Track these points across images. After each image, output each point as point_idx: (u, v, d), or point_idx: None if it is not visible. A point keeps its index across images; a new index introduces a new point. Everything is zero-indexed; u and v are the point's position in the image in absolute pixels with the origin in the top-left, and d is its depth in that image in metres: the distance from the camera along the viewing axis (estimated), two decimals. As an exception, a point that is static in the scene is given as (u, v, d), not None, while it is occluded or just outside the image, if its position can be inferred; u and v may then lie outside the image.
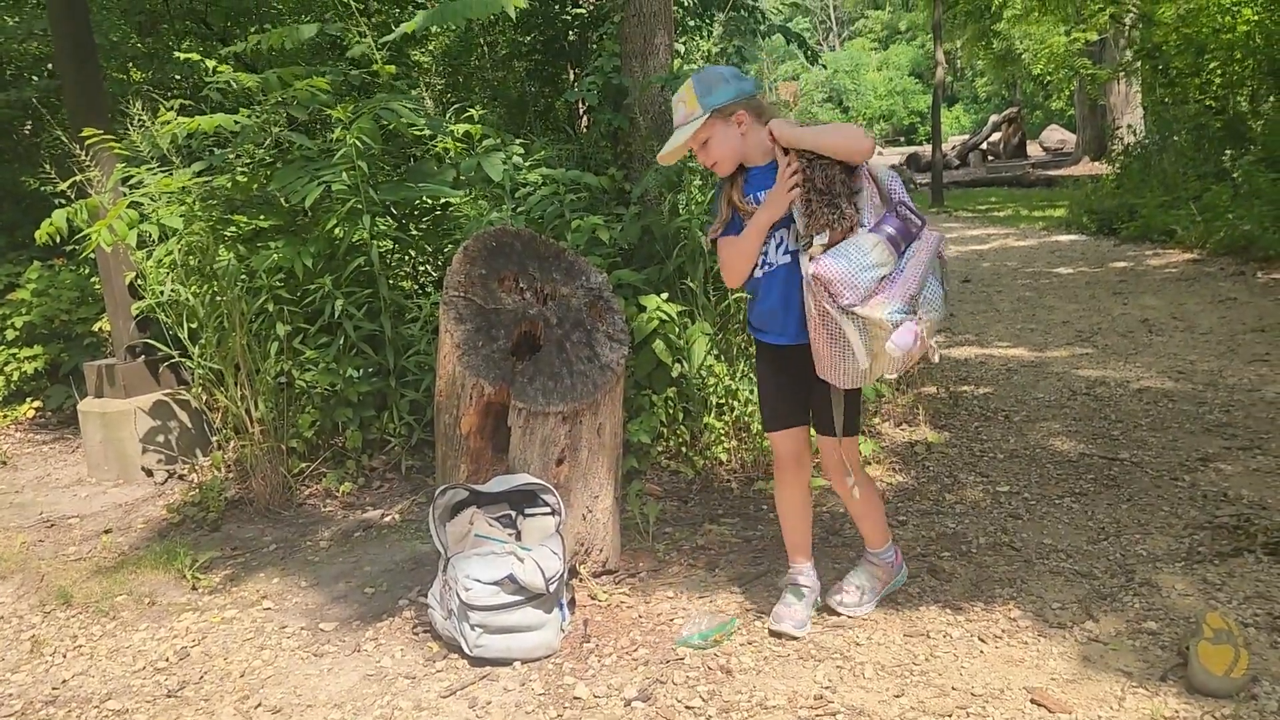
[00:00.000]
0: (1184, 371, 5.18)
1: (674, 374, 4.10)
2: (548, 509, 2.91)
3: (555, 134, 6.54)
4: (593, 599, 3.03)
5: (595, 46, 6.46)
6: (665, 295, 4.10)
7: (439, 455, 3.27)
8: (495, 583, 2.66)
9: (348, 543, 3.67)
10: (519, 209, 4.48)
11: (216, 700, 2.64)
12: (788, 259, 2.61)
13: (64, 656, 2.96)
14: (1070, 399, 4.89)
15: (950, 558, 3.21)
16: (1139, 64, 13.15)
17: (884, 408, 4.72)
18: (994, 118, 26.19)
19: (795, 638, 2.72)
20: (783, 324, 2.66)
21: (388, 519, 3.86)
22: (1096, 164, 18.06)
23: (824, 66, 8.72)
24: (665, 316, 4.00)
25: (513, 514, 2.95)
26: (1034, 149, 26.05)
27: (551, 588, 2.71)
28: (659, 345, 4.02)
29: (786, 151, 2.57)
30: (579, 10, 7.12)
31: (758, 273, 2.69)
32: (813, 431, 2.84)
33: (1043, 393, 5.03)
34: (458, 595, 2.68)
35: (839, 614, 2.82)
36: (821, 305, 2.43)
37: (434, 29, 7.49)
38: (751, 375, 4.22)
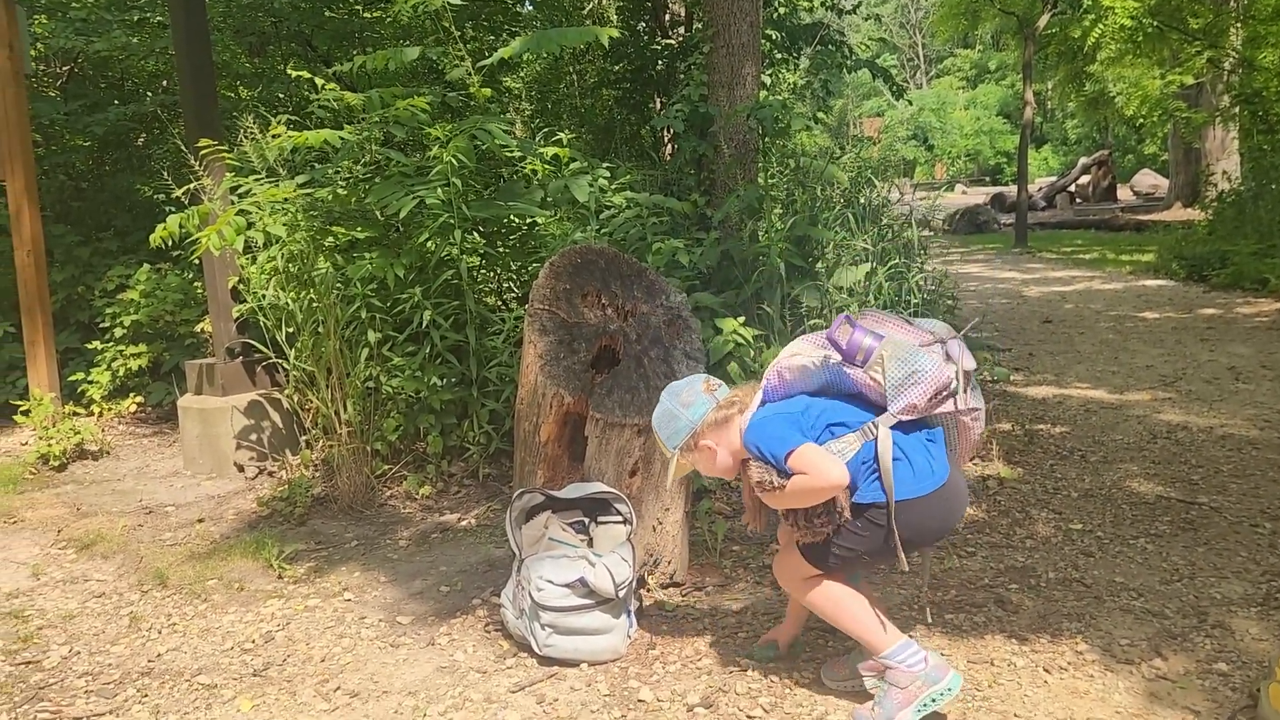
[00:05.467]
0: (1270, 421, 5.06)
1: (747, 396, 4.16)
2: (620, 518, 3.00)
3: (640, 159, 6.69)
4: (660, 608, 3.10)
5: (683, 76, 6.61)
6: (742, 319, 4.18)
7: (517, 460, 3.39)
8: (567, 585, 2.75)
9: (425, 543, 3.81)
10: (602, 230, 4.62)
11: (298, 682, 2.77)
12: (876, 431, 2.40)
13: (159, 633, 3.14)
14: (1150, 442, 4.81)
15: (1018, 590, 3.20)
16: (1237, 109, 12.86)
17: (957, 441, 4.71)
18: (1083, 160, 25.75)
19: None
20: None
21: (464, 523, 3.99)
22: (1189, 210, 17.63)
23: (909, 103, 8.74)
24: (741, 340, 4.08)
25: (586, 520, 3.05)
26: (1124, 193, 25.53)
27: (620, 594, 2.79)
28: (734, 367, 4.10)
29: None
30: (668, 41, 7.29)
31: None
32: None
33: (1121, 434, 4.96)
34: (530, 595, 2.78)
35: None
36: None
37: (527, 56, 7.74)
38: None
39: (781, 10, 7.67)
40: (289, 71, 5.08)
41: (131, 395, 5.90)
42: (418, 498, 4.23)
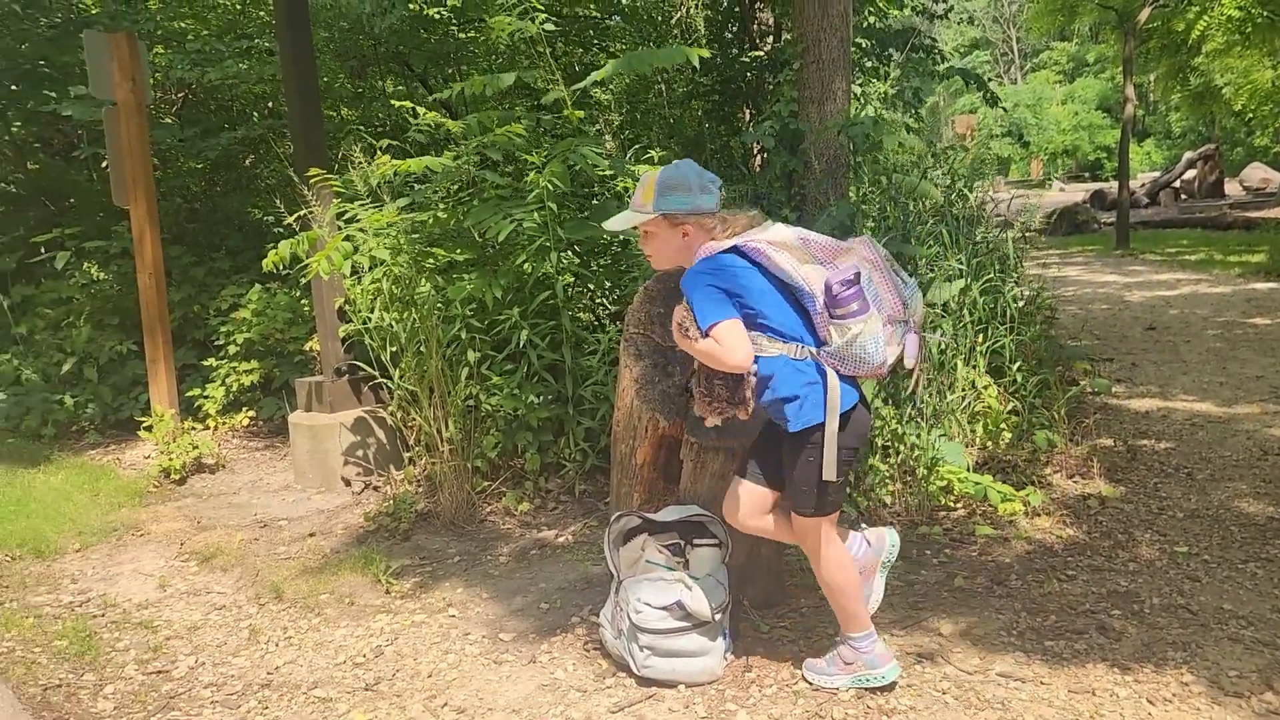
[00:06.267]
0: (1393, 436, 4.85)
1: (840, 415, 4.17)
2: (715, 541, 3.05)
3: (730, 170, 6.72)
4: (755, 630, 3.15)
5: (772, 89, 6.62)
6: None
7: (614, 482, 3.47)
8: (664, 608, 2.82)
9: (525, 559, 3.92)
10: (694, 248, 4.66)
11: (407, 697, 2.90)
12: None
13: (276, 645, 3.31)
14: (1260, 459, 4.66)
15: (1121, 617, 3.15)
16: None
17: (1056, 458, 4.64)
18: (1188, 154, 24.79)
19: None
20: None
21: (561, 539, 4.09)
22: (1304, 205, 16.85)
23: (1005, 110, 8.56)
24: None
25: (682, 543, 3.11)
26: (1233, 188, 24.50)
27: (716, 616, 2.84)
28: (827, 385, 4.10)
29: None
30: (756, 54, 7.30)
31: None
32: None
33: (1230, 451, 4.81)
34: (628, 617, 2.85)
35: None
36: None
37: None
38: (919, 420, 4.25)
39: (871, 19, 7.61)
40: (391, 101, 5.26)
41: (244, 410, 6.18)
42: (516, 514, 4.35)
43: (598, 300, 5.09)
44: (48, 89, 7.25)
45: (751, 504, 2.80)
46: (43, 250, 6.98)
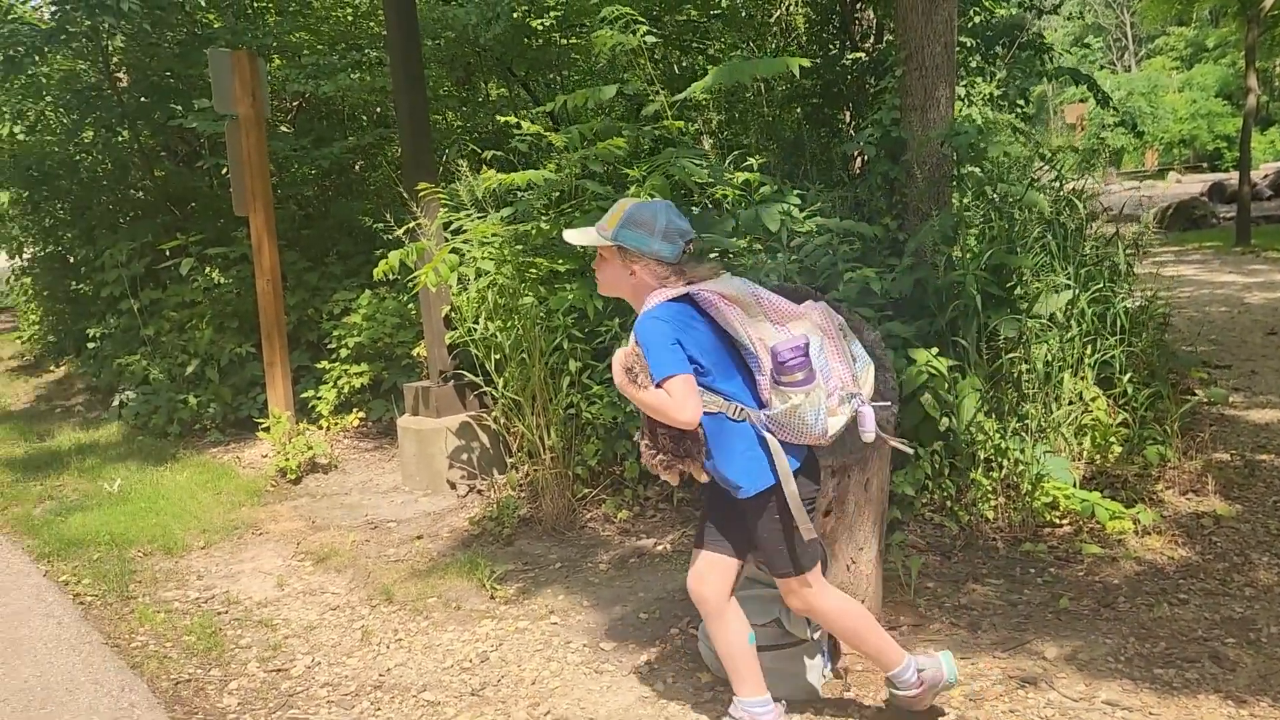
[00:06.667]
0: None
1: (941, 428, 4.13)
2: (814, 558, 3.07)
3: (829, 173, 6.67)
4: (854, 650, 3.15)
5: (874, 94, 6.55)
6: (936, 350, 4.14)
7: (713, 497, 3.51)
8: (764, 625, 2.85)
9: (624, 567, 3.99)
10: (793, 259, 4.67)
11: (511, 703, 3.00)
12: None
13: (387, 647, 3.45)
14: (1392, 478, 4.44)
15: (1236, 645, 3.06)
16: None
17: (1168, 473, 4.50)
18: (1318, 143, 23.48)
19: None
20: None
21: (659, 548, 4.16)
22: None
23: (1115, 109, 8.27)
24: (935, 371, 4.05)
25: (781, 560, 3.13)
26: (1367, 178, 23.12)
27: (815, 635, 2.87)
28: (927, 399, 4.07)
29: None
30: (857, 55, 7.23)
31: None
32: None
33: (1358, 469, 4.60)
34: (728, 632, 2.89)
35: None
36: None
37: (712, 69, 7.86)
38: (1022, 434, 4.18)
39: (976, 19, 7.44)
40: (497, 117, 5.39)
41: (354, 411, 6.41)
42: (616, 521, 4.43)
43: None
44: (174, 101, 7.63)
45: (720, 575, 2.68)
46: (167, 255, 7.37)
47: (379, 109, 9.00)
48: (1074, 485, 4.09)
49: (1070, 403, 4.43)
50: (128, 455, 6.11)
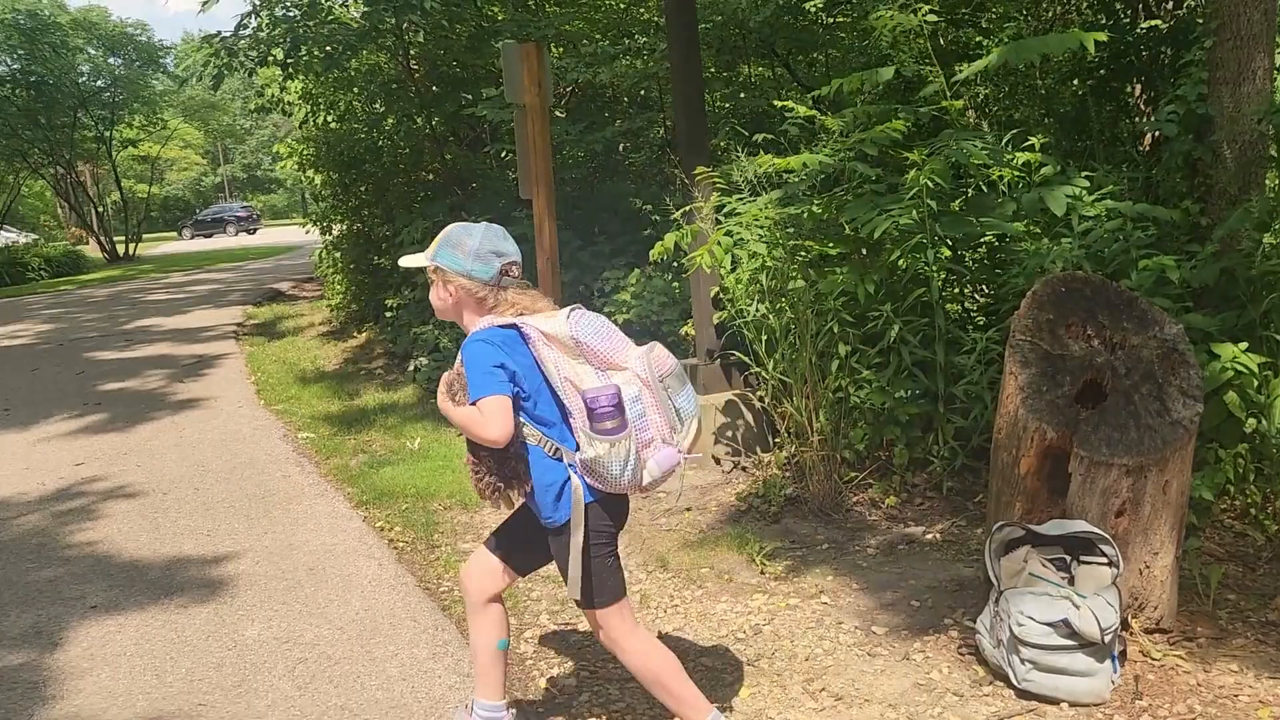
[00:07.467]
0: None
1: (1247, 429, 3.84)
2: (1105, 559, 2.97)
3: (1115, 151, 6.27)
4: (1145, 656, 3.03)
5: (1174, 66, 6.08)
6: (1244, 345, 3.84)
7: (993, 489, 3.46)
8: (1049, 624, 2.80)
9: (892, 554, 4.00)
10: (1079, 245, 4.45)
11: (786, 677, 3.10)
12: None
13: (664, 612, 3.65)
14: None
15: None
16: None
17: None
18: None
19: None
20: None
21: (928, 536, 4.13)
22: None
23: None
24: (1243, 368, 3.76)
25: (1067, 559, 3.05)
26: None
27: (1106, 638, 2.78)
28: (1232, 398, 3.79)
29: None
30: (1154, 22, 6.71)
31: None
32: None
33: None
34: (1010, 628, 2.86)
35: None
36: None
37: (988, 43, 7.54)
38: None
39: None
40: (774, 103, 5.47)
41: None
42: (882, 506, 4.44)
43: (973, 296, 5.01)
44: (462, 90, 8.25)
45: (480, 566, 2.74)
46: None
47: (642, 92, 9.31)
48: None
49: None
50: (423, 416, 6.72)
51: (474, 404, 2.40)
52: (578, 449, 2.43)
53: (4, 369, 9.63)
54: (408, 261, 2.71)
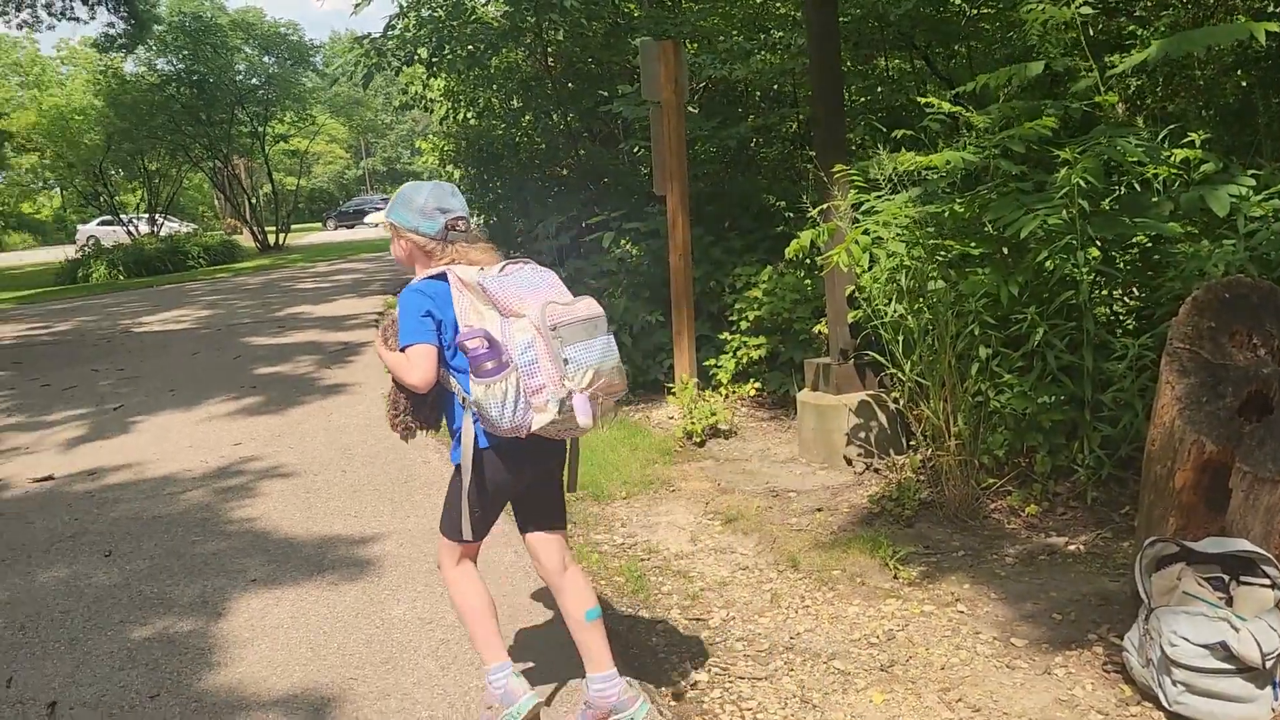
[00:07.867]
0: None
1: None
2: (1268, 581, 2.83)
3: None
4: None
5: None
6: None
7: (1143, 502, 3.33)
8: (1205, 646, 2.69)
9: (1033, 564, 3.89)
10: (1245, 247, 4.22)
11: (921, 685, 3.07)
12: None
13: (795, 612, 3.65)
14: None
15: None
16: None
17: None
18: None
19: None
20: None
21: (1071, 547, 4.00)
22: None
23: None
24: None
25: (1225, 578, 2.92)
26: None
27: (1267, 664, 2.65)
28: None
29: None
30: (1332, 8, 6.29)
31: None
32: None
33: None
34: (1161, 648, 2.76)
35: None
36: None
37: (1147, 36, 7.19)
38: None
39: None
40: (916, 99, 5.36)
41: (751, 381, 6.72)
42: (1022, 514, 4.32)
43: (1124, 300, 4.81)
44: (598, 87, 8.37)
45: (536, 549, 2.95)
46: (583, 227, 8.12)
47: (775, 87, 9.24)
48: None
49: None
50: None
51: (403, 350, 2.63)
52: (470, 394, 2.61)
53: (170, 352, 10.29)
54: (373, 219, 3.19)
